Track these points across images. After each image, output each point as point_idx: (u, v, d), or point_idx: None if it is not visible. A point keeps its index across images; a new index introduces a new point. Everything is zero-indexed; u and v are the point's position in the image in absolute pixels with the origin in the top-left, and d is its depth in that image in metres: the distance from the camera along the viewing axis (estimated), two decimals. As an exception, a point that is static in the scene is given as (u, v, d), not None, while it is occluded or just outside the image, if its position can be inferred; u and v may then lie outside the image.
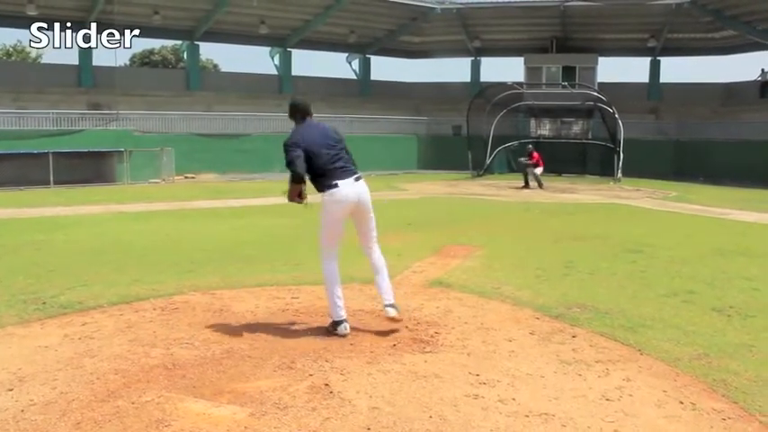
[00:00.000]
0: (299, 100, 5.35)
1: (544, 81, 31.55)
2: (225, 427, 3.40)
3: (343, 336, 4.94)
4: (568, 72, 31.50)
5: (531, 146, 23.28)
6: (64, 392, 3.83)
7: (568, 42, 33.29)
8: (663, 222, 13.05)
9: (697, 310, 5.93)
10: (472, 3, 32.53)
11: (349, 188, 5.04)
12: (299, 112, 5.21)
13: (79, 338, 4.90)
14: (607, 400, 3.84)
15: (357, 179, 5.10)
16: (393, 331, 5.12)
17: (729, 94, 32.36)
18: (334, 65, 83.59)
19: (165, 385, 3.96)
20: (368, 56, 35.90)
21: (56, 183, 20.31)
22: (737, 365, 4.44)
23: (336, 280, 5.15)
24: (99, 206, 14.94)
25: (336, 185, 4.99)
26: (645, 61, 34.72)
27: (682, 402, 3.81)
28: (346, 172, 5.06)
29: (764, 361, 4.55)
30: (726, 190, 21.15)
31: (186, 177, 24.20)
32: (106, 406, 3.64)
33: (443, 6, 32.40)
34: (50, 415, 3.52)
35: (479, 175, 26.92)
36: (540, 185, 20.99)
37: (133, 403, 3.68)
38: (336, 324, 5.02)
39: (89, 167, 22.36)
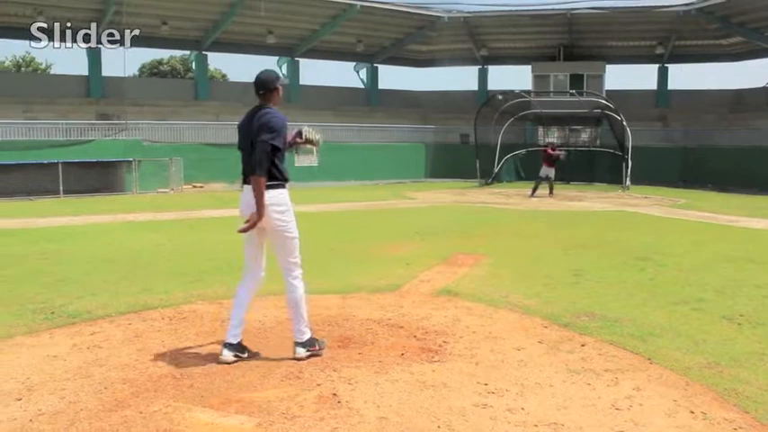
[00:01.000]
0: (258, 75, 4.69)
1: (552, 89, 31.56)
2: (232, 437, 3.40)
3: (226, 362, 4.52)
4: (576, 80, 31.50)
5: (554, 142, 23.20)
6: (72, 402, 3.84)
7: (576, 50, 33.32)
8: (671, 230, 12.98)
9: (707, 319, 5.90)
10: (479, 11, 32.59)
11: (243, 195, 4.62)
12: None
13: (87, 348, 4.91)
14: (617, 409, 3.81)
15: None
16: (401, 340, 5.11)
17: (738, 100, 32.27)
18: (341, 74, 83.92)
19: (173, 395, 3.95)
20: (375, 65, 35.99)
21: (65, 193, 20.44)
22: (748, 374, 4.40)
23: (237, 302, 4.71)
24: (108, 216, 15.01)
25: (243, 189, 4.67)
26: (653, 68, 34.71)
27: (692, 412, 3.78)
28: (247, 176, 4.55)
29: (776, 370, 4.51)
30: (734, 197, 21.05)
31: (195, 187, 24.29)
32: (114, 416, 3.64)
33: (450, 15, 32.47)
34: (58, 425, 3.53)
35: (487, 184, 26.89)
36: (551, 192, 20.96)
37: (141, 413, 3.67)
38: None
39: (98, 177, 22.49)
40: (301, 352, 4.63)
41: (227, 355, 4.54)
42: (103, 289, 7.00)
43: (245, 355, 4.61)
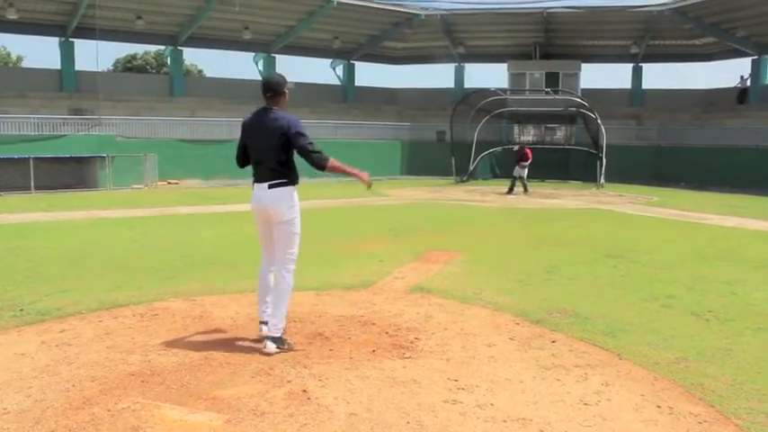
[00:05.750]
0: (266, 77, 5.19)
1: (527, 87, 31.73)
2: (201, 435, 3.38)
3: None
4: (552, 78, 31.69)
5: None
6: (39, 400, 3.79)
7: (551, 49, 33.53)
8: (644, 227, 13.13)
9: (676, 315, 5.99)
10: (456, 9, 32.65)
11: (256, 192, 4.88)
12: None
13: (56, 345, 4.85)
14: (585, 404, 3.85)
15: (271, 186, 4.76)
16: (373, 337, 5.11)
17: (710, 100, 32.70)
18: (318, 71, 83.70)
19: (142, 392, 3.92)
20: (352, 62, 35.93)
21: (37, 188, 20.11)
22: (715, 369, 4.48)
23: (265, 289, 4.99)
24: (80, 212, 14.81)
25: (253, 186, 4.93)
26: (627, 67, 35.05)
27: (659, 406, 3.84)
28: (260, 176, 4.84)
29: (741, 365, 4.59)
30: (706, 195, 21.34)
31: (169, 183, 24.05)
32: (81, 413, 3.60)
33: (427, 13, 32.50)
34: (24, 423, 3.48)
35: (463, 181, 26.98)
36: (526, 190, 21.11)
37: (109, 410, 3.64)
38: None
39: (71, 173, 22.15)
40: (271, 348, 4.66)
41: (271, 347, 4.68)
42: (74, 286, 6.91)
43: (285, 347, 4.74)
